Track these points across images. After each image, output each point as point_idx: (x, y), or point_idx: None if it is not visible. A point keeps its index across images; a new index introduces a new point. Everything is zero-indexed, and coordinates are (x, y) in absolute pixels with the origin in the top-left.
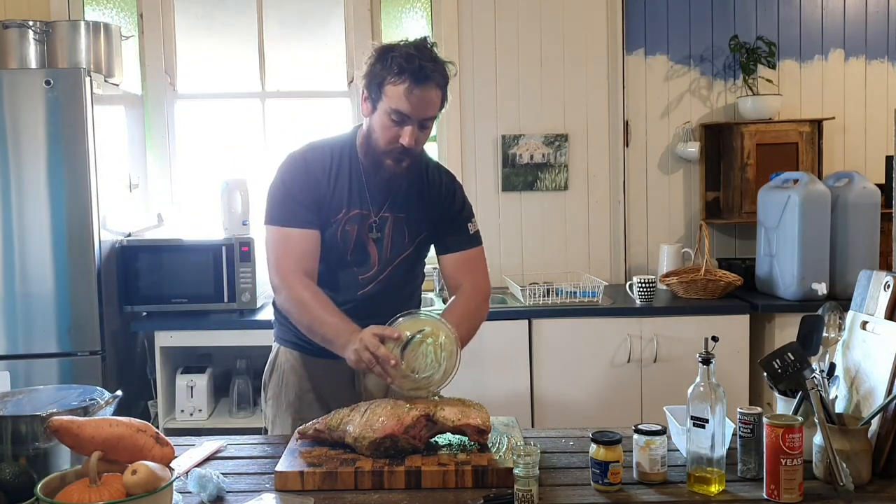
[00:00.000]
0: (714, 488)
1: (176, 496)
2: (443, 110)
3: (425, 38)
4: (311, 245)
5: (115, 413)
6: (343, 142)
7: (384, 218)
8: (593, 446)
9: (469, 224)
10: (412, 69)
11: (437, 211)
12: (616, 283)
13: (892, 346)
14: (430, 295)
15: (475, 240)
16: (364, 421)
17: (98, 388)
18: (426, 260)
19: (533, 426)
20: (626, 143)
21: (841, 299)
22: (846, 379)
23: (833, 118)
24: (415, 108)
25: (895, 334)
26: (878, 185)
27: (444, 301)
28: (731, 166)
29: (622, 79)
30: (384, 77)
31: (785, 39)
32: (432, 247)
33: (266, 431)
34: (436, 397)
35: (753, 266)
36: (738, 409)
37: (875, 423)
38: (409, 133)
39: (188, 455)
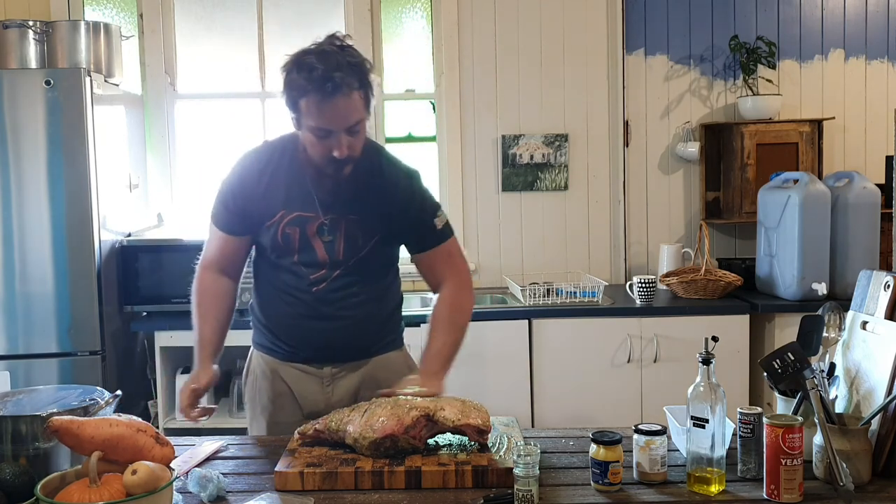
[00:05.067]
0: (714, 488)
1: (176, 496)
2: (372, 106)
3: (332, 37)
4: (229, 249)
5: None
6: (286, 142)
7: (335, 220)
8: (593, 446)
9: (436, 220)
10: (317, 84)
11: (395, 211)
12: (616, 283)
13: (892, 346)
14: (430, 295)
15: (445, 233)
16: (364, 421)
17: (98, 388)
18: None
19: (533, 426)
20: (626, 143)
21: (841, 299)
22: (846, 379)
23: (833, 118)
24: (333, 120)
25: (895, 334)
26: (878, 185)
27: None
28: (731, 166)
29: (622, 79)
30: (295, 95)
31: (785, 39)
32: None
33: (248, 431)
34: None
35: (753, 266)
36: (738, 409)
37: (875, 423)
38: (338, 144)
39: (188, 455)
